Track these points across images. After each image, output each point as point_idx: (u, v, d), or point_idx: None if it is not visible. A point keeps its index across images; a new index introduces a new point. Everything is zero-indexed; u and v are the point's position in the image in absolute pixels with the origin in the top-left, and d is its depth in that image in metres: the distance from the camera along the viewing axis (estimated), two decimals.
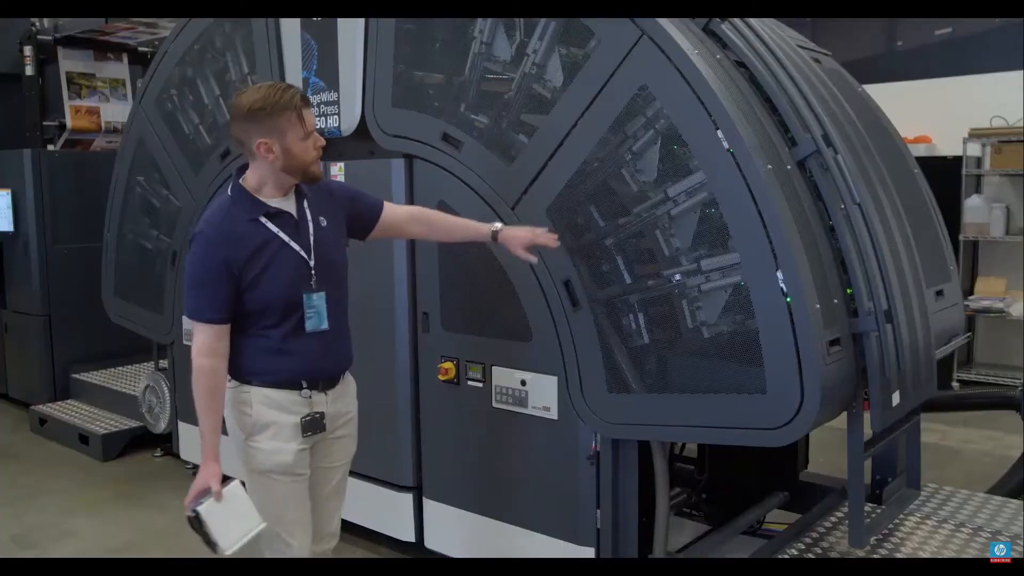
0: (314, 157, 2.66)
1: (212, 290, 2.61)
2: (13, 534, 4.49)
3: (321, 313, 2.71)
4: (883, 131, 3.69)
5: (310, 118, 2.65)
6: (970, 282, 7.12)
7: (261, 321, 2.67)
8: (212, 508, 2.56)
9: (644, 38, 2.82)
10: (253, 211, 2.65)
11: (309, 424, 2.72)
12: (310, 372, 2.72)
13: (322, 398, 2.77)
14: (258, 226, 2.65)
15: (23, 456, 5.82)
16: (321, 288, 2.70)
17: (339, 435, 2.87)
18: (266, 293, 2.63)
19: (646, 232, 2.90)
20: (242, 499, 2.63)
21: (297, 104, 2.59)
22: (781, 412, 2.64)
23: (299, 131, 2.60)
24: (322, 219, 2.77)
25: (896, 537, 3.36)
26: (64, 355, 6.57)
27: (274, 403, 2.70)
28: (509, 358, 3.36)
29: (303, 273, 2.68)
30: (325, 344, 2.73)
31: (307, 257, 2.69)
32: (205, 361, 2.62)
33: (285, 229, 2.67)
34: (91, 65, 7.24)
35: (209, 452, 2.63)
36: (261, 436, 2.71)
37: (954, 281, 3.68)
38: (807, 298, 2.58)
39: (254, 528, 2.61)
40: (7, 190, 6.51)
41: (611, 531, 3.20)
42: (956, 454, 5.54)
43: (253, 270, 2.61)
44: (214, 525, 2.55)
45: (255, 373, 2.71)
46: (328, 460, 2.88)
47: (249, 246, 2.62)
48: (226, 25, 4.40)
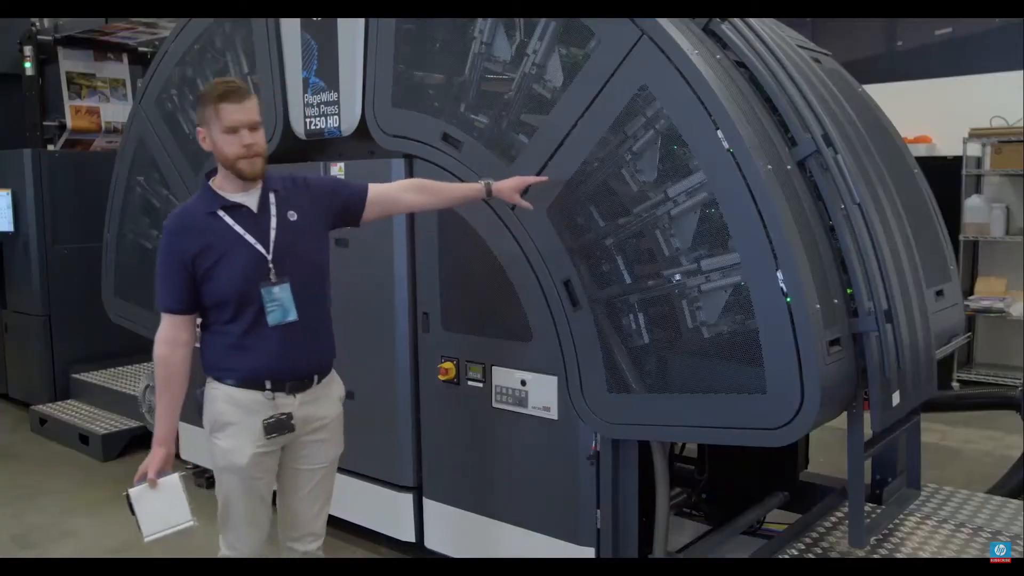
0: (237, 153, 2.63)
1: (169, 280, 2.68)
2: (13, 534, 4.50)
3: (286, 306, 2.67)
4: (883, 131, 3.69)
5: (232, 114, 2.60)
6: (970, 282, 7.12)
7: (221, 316, 2.70)
8: (143, 493, 2.62)
9: (644, 38, 2.82)
10: (212, 205, 2.70)
11: (274, 426, 2.71)
12: (273, 370, 2.70)
13: (289, 400, 2.73)
14: (215, 219, 2.68)
15: (23, 456, 5.82)
16: (283, 281, 2.68)
17: (315, 438, 2.84)
18: (220, 286, 2.65)
19: (646, 232, 2.90)
20: (176, 492, 2.68)
21: (215, 97, 2.62)
22: (781, 412, 2.64)
23: (218, 124, 2.62)
24: (292, 213, 2.75)
25: (896, 537, 3.36)
26: (64, 355, 6.58)
27: (237, 403, 2.71)
28: (509, 358, 3.36)
29: (259, 267, 2.66)
30: (291, 340, 2.70)
31: (264, 251, 2.67)
32: (161, 349, 2.71)
33: (242, 222, 2.69)
34: (91, 65, 7.25)
35: (157, 437, 2.71)
36: (221, 434, 2.75)
37: (954, 281, 3.68)
38: (807, 298, 2.58)
39: (180, 523, 2.66)
40: (7, 190, 6.52)
41: (611, 531, 3.20)
42: (956, 454, 5.54)
43: (206, 262, 2.64)
44: (141, 509, 2.60)
45: (220, 369, 2.74)
46: (303, 462, 2.85)
47: (203, 238, 2.65)
48: (226, 25, 4.39)
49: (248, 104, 2.64)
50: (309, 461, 2.86)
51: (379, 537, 4.05)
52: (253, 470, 2.74)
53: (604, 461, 3.17)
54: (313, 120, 3.96)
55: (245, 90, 2.67)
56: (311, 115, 3.97)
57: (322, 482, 2.92)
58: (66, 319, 6.56)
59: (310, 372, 2.79)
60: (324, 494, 2.95)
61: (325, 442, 2.87)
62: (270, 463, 2.79)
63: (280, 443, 2.77)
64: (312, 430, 2.82)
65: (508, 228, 3.23)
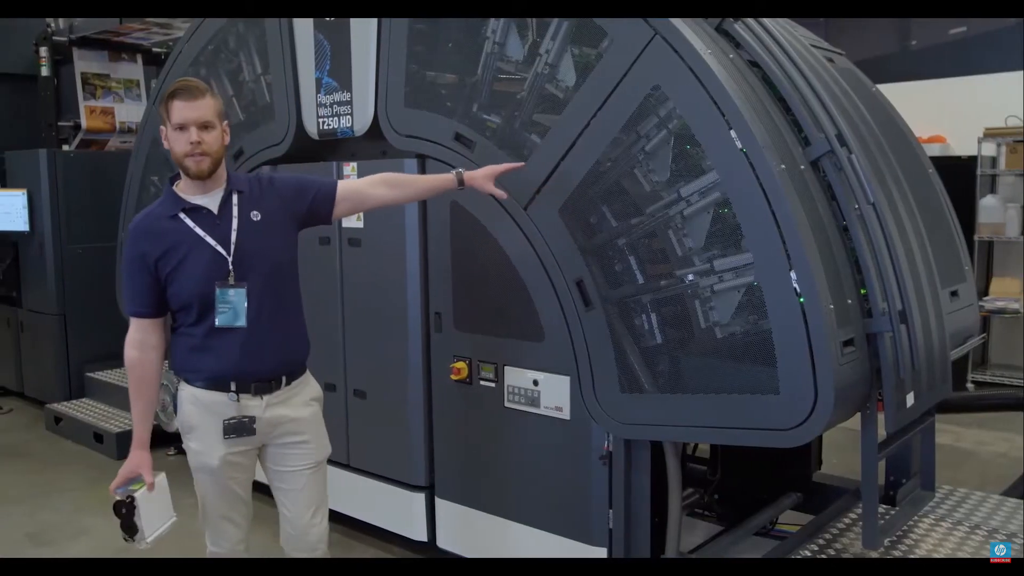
0: (184, 151, 2.62)
1: (133, 284, 2.70)
2: (28, 532, 4.53)
3: (237, 309, 2.66)
4: (897, 131, 3.67)
5: (180, 111, 2.61)
6: (985, 282, 7.07)
7: (185, 318, 2.71)
8: (145, 496, 2.64)
9: (657, 38, 2.82)
10: (173, 208, 2.71)
11: (234, 427, 2.70)
12: (234, 372, 2.69)
13: (255, 402, 2.72)
14: (176, 222, 2.69)
15: (38, 454, 5.86)
16: (241, 284, 2.66)
17: (291, 441, 2.82)
18: (182, 288, 2.66)
19: (659, 232, 2.89)
20: (165, 491, 2.73)
21: (166, 95, 2.64)
22: (794, 413, 2.63)
23: (168, 123, 2.64)
24: (255, 213, 2.74)
25: (910, 539, 3.34)
26: (79, 354, 6.63)
27: (201, 404, 2.73)
28: (521, 358, 3.36)
29: (218, 268, 2.66)
30: (255, 341, 2.69)
31: (224, 252, 2.67)
32: (130, 352, 2.72)
33: (202, 224, 2.69)
34: (106, 66, 7.29)
35: (137, 440, 2.73)
36: (189, 436, 2.78)
37: (969, 281, 3.66)
38: (821, 298, 2.57)
39: (169, 521, 2.71)
40: (23, 190, 6.56)
41: (623, 531, 3.19)
42: (970, 455, 5.51)
43: (168, 265, 2.66)
44: (144, 513, 2.61)
45: (185, 371, 2.75)
46: (283, 464, 2.84)
47: (164, 241, 2.66)
48: (239, 25, 4.41)
49: (200, 103, 2.63)
50: (290, 463, 2.84)
51: (391, 536, 4.06)
52: (226, 470, 2.75)
53: (616, 461, 3.17)
54: (326, 120, 3.97)
55: (201, 89, 2.66)
56: (324, 115, 3.98)
57: (310, 486, 2.87)
58: (81, 318, 6.61)
59: (276, 373, 2.76)
60: (316, 500, 2.91)
61: (305, 444, 2.84)
62: (245, 462, 2.79)
63: (247, 444, 2.76)
64: (286, 432, 2.80)
65: (520, 228, 3.23)
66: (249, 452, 2.79)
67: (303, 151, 4.13)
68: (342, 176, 3.92)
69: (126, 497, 2.59)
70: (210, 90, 2.71)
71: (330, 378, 4.01)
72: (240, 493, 2.83)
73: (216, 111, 2.68)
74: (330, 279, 4.04)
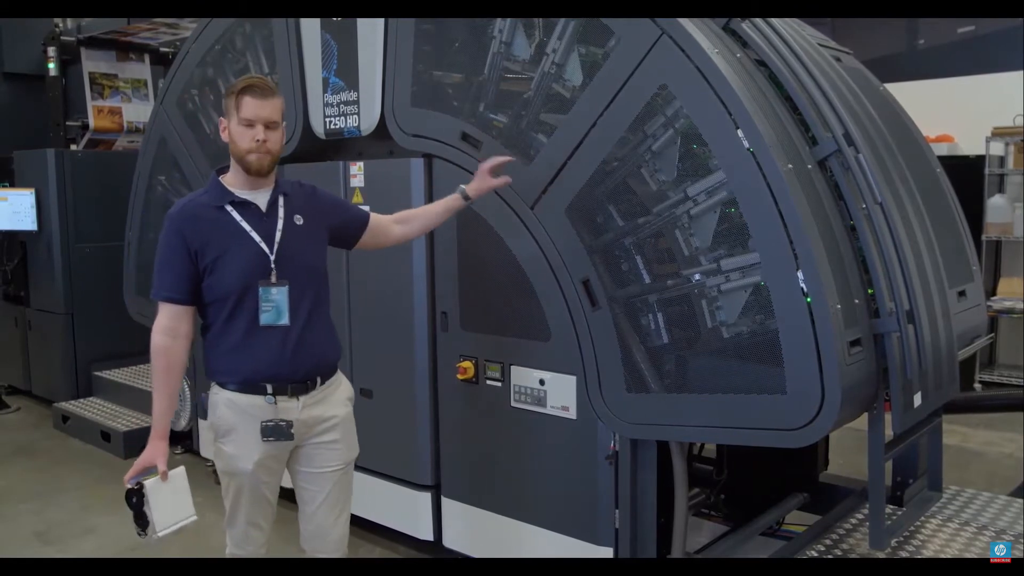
0: (249, 147, 2.65)
1: (171, 269, 2.68)
2: (36, 530, 4.54)
3: (280, 308, 2.68)
4: (905, 130, 3.66)
5: (251, 107, 2.64)
6: (993, 282, 7.05)
7: (218, 314, 2.70)
8: (156, 486, 2.60)
9: (664, 37, 2.81)
10: (220, 199, 2.72)
11: (272, 430, 2.70)
12: (273, 373, 2.69)
13: (292, 404, 2.72)
14: (222, 213, 2.70)
15: (45, 453, 5.88)
16: (282, 283, 2.68)
17: (322, 441, 2.82)
18: (222, 280, 2.66)
19: (665, 232, 2.89)
20: (183, 487, 2.69)
21: (238, 89, 2.66)
22: (801, 413, 2.62)
23: (236, 116, 2.66)
24: (298, 218, 2.77)
25: (917, 539, 3.33)
26: (86, 353, 6.65)
27: (237, 408, 2.72)
28: (528, 357, 3.36)
29: (261, 265, 2.67)
30: (289, 343, 2.70)
31: (267, 250, 2.68)
32: (159, 339, 2.69)
33: (249, 219, 2.70)
34: (113, 66, 7.31)
35: (157, 430, 2.70)
36: (225, 440, 2.76)
37: (977, 281, 3.64)
38: (828, 298, 2.57)
39: (187, 518, 2.67)
40: (31, 190, 6.59)
41: (629, 531, 3.19)
42: (978, 456, 5.49)
43: (210, 254, 2.65)
44: (155, 503, 2.58)
45: (221, 373, 2.74)
46: (315, 466, 2.84)
47: (208, 229, 2.67)
48: (247, 25, 4.42)
49: (270, 102, 2.67)
50: (320, 464, 2.84)
51: (397, 535, 4.06)
52: (259, 474, 2.74)
53: (623, 461, 3.16)
54: (333, 120, 3.98)
55: (271, 88, 2.70)
56: (331, 115, 3.98)
57: (338, 488, 2.89)
58: (88, 317, 6.63)
59: (312, 374, 2.77)
60: (342, 501, 2.92)
61: (336, 444, 2.85)
62: (276, 466, 2.79)
63: (282, 448, 2.76)
64: (320, 431, 2.81)
65: (527, 227, 3.24)
66: (281, 456, 2.79)
67: (310, 151, 4.14)
68: (348, 175, 3.93)
69: (136, 485, 2.58)
70: (278, 89, 2.75)
71: None
72: (269, 498, 2.83)
73: (282, 111, 2.74)
74: (337, 278, 4.04)
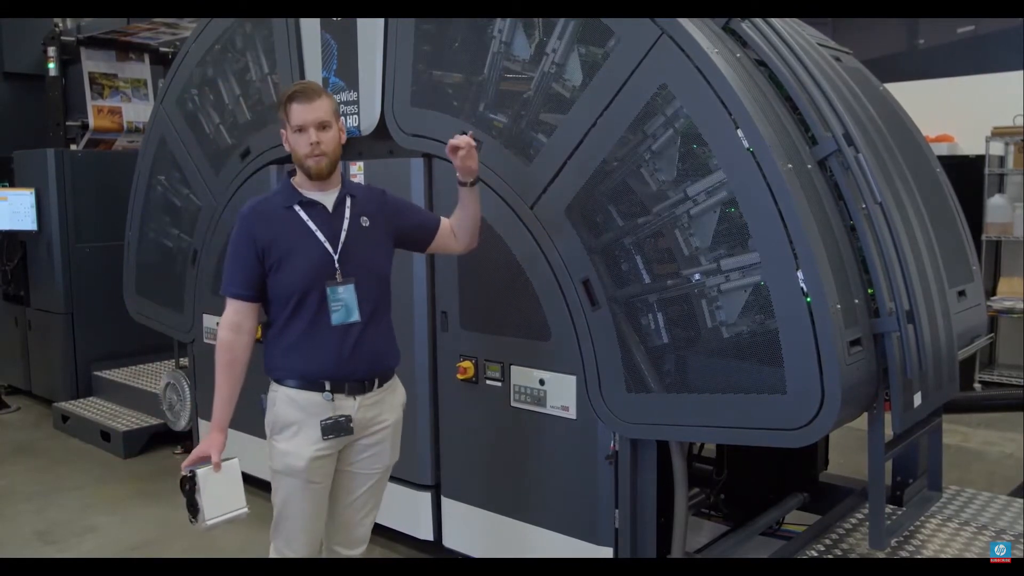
0: (305, 152, 2.69)
1: (238, 265, 2.73)
2: (36, 530, 4.54)
3: (350, 307, 2.71)
4: (905, 130, 3.66)
5: (299, 113, 2.67)
6: (992, 282, 7.05)
7: (280, 312, 2.73)
8: (208, 476, 2.63)
9: (664, 37, 2.81)
10: (289, 199, 2.77)
11: (332, 427, 2.71)
12: (333, 372, 2.71)
13: (349, 402, 2.74)
14: (290, 212, 2.75)
15: (45, 452, 5.88)
16: (348, 281, 2.71)
17: (371, 442, 2.83)
18: (286, 278, 2.69)
19: (665, 231, 2.89)
20: (236, 478, 2.70)
21: (285, 98, 2.70)
22: (801, 412, 2.62)
23: (290, 124, 2.71)
24: (364, 219, 2.80)
25: (917, 539, 3.33)
26: (86, 353, 6.64)
27: (297, 404, 2.73)
28: (528, 357, 3.36)
29: (325, 264, 2.70)
30: (352, 342, 2.72)
31: (331, 250, 2.71)
32: (225, 334, 2.74)
33: (315, 219, 2.74)
34: (113, 65, 7.31)
35: (216, 422, 2.72)
36: (280, 436, 2.76)
37: (976, 281, 3.64)
38: (827, 298, 2.57)
39: (237, 510, 2.68)
40: (31, 189, 6.58)
41: (629, 531, 3.19)
42: (978, 456, 5.49)
43: (277, 251, 2.69)
44: (206, 492, 2.61)
45: (281, 369, 2.76)
46: (358, 467, 2.85)
47: (276, 229, 2.71)
48: (246, 25, 4.42)
49: (317, 104, 2.69)
50: (364, 466, 2.85)
51: (397, 535, 4.06)
52: (311, 474, 2.73)
53: (622, 461, 3.16)
54: None
55: (317, 91, 2.73)
56: None
57: (374, 488, 2.91)
58: (88, 317, 6.62)
59: (370, 375, 2.78)
60: (374, 500, 2.95)
61: (382, 447, 2.86)
62: (328, 467, 2.78)
63: (338, 446, 2.77)
64: (370, 433, 2.82)
65: (527, 227, 3.24)
66: (332, 457, 2.78)
67: None
68: (349, 175, 3.93)
69: (190, 473, 2.61)
70: (325, 90, 2.77)
71: None
72: (322, 502, 2.81)
73: (332, 110, 2.75)
74: None
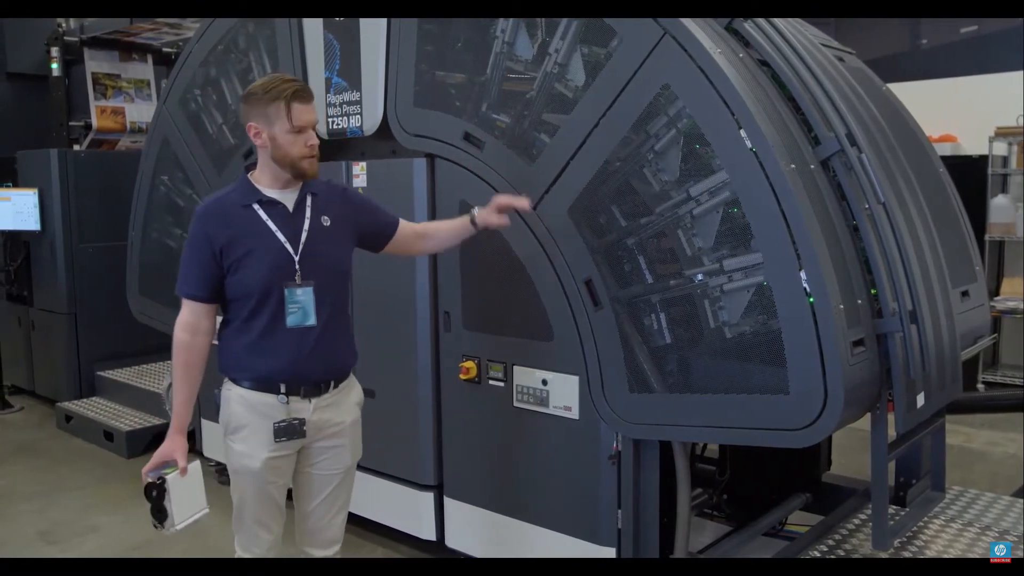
0: (302, 153, 2.65)
1: (195, 265, 2.68)
2: (39, 529, 4.55)
3: (307, 309, 2.67)
4: (908, 130, 3.66)
5: (302, 114, 2.64)
6: (996, 283, 7.04)
7: (239, 312, 2.69)
8: (176, 480, 2.61)
9: (666, 37, 2.81)
10: (248, 197, 2.71)
11: (284, 429, 2.68)
12: (289, 373, 2.67)
13: (304, 405, 2.71)
14: (249, 211, 2.69)
15: (49, 452, 5.89)
16: (307, 284, 2.67)
17: (330, 444, 2.80)
18: (245, 279, 2.64)
19: (668, 232, 2.89)
20: (199, 479, 2.70)
21: (287, 96, 2.63)
22: (804, 413, 2.62)
23: (285, 123, 2.63)
24: (325, 219, 2.76)
25: (920, 540, 3.33)
26: (89, 352, 6.66)
27: (250, 406, 2.70)
28: (530, 357, 3.36)
29: (285, 265, 2.66)
30: (309, 344, 2.68)
31: (291, 250, 2.67)
32: (181, 335, 2.70)
33: (275, 219, 2.69)
34: (116, 66, 7.32)
35: (176, 425, 2.71)
36: (235, 436, 2.74)
37: (980, 281, 3.64)
38: (830, 298, 2.56)
39: (201, 511, 2.68)
40: (34, 190, 6.59)
41: (632, 531, 3.19)
42: (981, 456, 5.49)
43: (235, 252, 2.64)
44: (174, 497, 2.59)
45: (236, 369, 2.73)
46: (319, 468, 2.82)
47: (234, 227, 2.66)
48: (249, 26, 4.42)
49: (313, 106, 2.70)
50: (325, 467, 2.83)
51: (400, 535, 4.06)
52: (267, 474, 2.72)
53: (625, 461, 3.16)
54: (335, 120, 3.98)
55: (312, 93, 2.72)
56: (333, 115, 3.99)
57: (339, 488, 2.88)
58: (91, 317, 6.64)
59: (326, 377, 2.76)
60: (341, 500, 2.92)
61: (342, 448, 2.83)
62: (285, 467, 2.77)
63: (293, 447, 2.75)
64: (328, 435, 2.79)
65: (529, 227, 3.23)
66: (290, 457, 2.76)
67: None
68: (351, 175, 3.94)
69: (157, 479, 2.58)
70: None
71: None
72: (277, 499, 2.80)
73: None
74: None
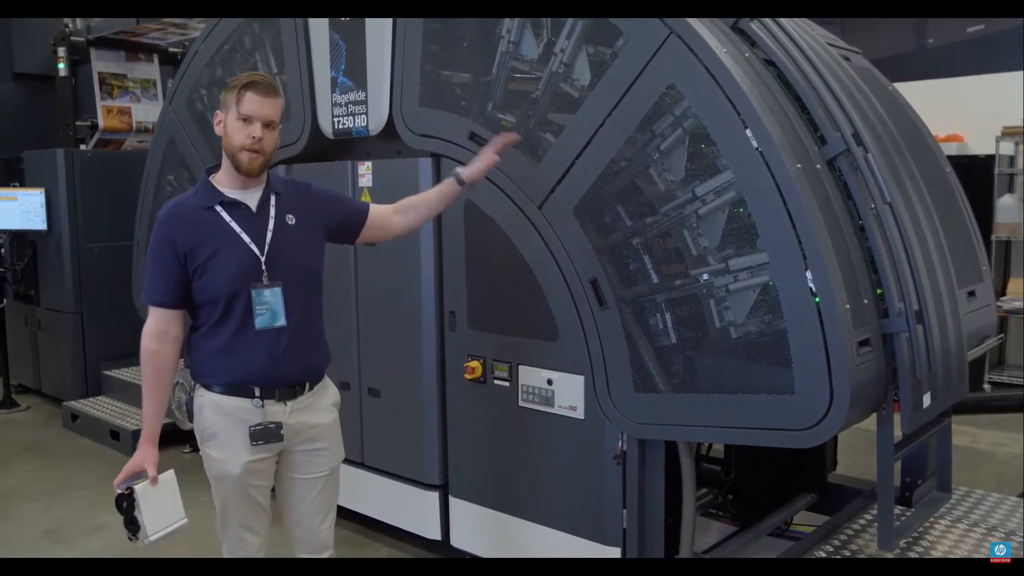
0: (242, 143, 2.59)
1: (159, 272, 2.63)
2: (45, 528, 4.56)
3: (275, 310, 2.62)
4: (914, 130, 3.65)
5: (251, 103, 2.59)
6: (1002, 283, 7.02)
7: (208, 316, 2.65)
8: (146, 491, 2.58)
9: (672, 36, 2.81)
10: (209, 199, 2.67)
11: (261, 433, 2.64)
12: (262, 376, 2.63)
13: (279, 408, 2.68)
14: (212, 214, 2.64)
15: (55, 451, 5.91)
16: (275, 284, 2.63)
17: (309, 448, 2.77)
18: (211, 283, 2.60)
19: (673, 231, 2.89)
20: (173, 489, 2.65)
21: (241, 84, 2.61)
22: (810, 413, 2.62)
23: (235, 110, 2.60)
24: (290, 217, 2.72)
25: (926, 540, 3.32)
26: (96, 352, 6.69)
27: (223, 411, 2.66)
28: (536, 357, 3.36)
29: (252, 267, 2.61)
30: (282, 346, 2.64)
31: (257, 251, 2.63)
32: (148, 343, 2.65)
33: (239, 220, 2.65)
34: (122, 66, 7.35)
35: (147, 435, 2.68)
36: (210, 444, 2.71)
37: (986, 281, 3.63)
38: (836, 298, 2.56)
39: (178, 521, 2.64)
40: (41, 189, 6.62)
41: (637, 531, 3.19)
42: (988, 457, 5.47)
43: (200, 256, 2.60)
44: (145, 508, 2.55)
45: (207, 375, 2.69)
46: (301, 472, 2.79)
47: (197, 230, 2.61)
48: (255, 25, 4.43)
49: (272, 101, 2.63)
50: (307, 470, 2.79)
51: (404, 535, 4.07)
52: (247, 478, 2.68)
53: (630, 461, 3.16)
54: (341, 119, 3.99)
55: (274, 88, 2.66)
56: (339, 114, 3.99)
57: (323, 492, 2.84)
58: (98, 316, 6.67)
59: (301, 379, 2.72)
60: (328, 504, 2.88)
61: (323, 451, 2.80)
62: (266, 469, 2.73)
63: (272, 450, 2.71)
64: (306, 439, 2.76)
65: (535, 227, 3.23)
66: (270, 459, 2.73)
67: (318, 151, 4.15)
68: (357, 175, 3.94)
69: (126, 490, 2.55)
70: (280, 91, 2.72)
71: (344, 376, 4.02)
72: (260, 501, 2.76)
73: (282, 112, 2.70)
74: (345, 277, 4.05)
